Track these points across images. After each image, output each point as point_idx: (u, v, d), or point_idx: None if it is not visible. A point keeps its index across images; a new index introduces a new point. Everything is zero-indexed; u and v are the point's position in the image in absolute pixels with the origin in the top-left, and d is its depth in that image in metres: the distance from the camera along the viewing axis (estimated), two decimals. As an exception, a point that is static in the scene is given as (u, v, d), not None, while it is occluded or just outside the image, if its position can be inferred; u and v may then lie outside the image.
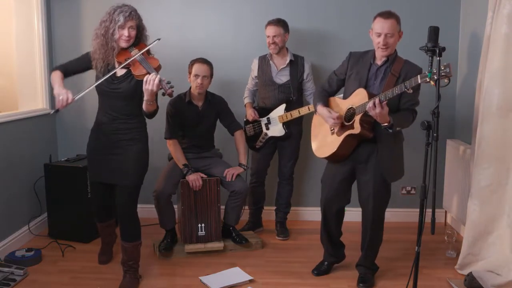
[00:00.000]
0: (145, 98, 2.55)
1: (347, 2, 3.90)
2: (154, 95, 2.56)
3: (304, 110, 3.52)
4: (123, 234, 2.85)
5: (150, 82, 2.46)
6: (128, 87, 2.70)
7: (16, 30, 3.89)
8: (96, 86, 2.70)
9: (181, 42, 3.99)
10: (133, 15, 2.62)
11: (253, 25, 3.90)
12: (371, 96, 2.65)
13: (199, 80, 3.32)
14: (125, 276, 2.89)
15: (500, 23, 2.80)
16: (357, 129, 2.70)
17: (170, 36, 3.99)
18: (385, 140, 2.71)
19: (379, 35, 2.67)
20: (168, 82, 2.51)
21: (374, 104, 2.53)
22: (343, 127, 2.81)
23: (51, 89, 3.99)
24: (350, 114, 2.78)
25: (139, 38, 2.73)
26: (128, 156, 2.75)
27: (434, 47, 2.32)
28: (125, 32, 2.61)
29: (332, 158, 2.89)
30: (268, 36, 3.49)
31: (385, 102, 2.56)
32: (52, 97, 4.01)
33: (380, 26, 2.66)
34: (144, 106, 2.61)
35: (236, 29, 3.99)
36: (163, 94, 2.54)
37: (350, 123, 2.76)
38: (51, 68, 3.97)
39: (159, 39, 2.71)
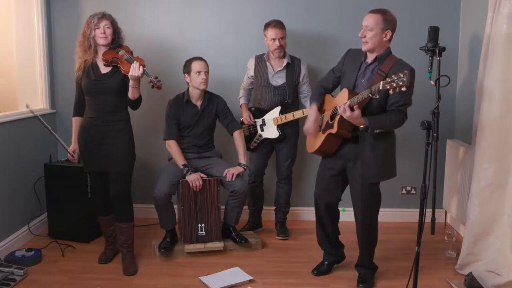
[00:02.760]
0: (130, 84, 2.91)
1: (347, 2, 3.90)
2: (138, 80, 2.91)
3: (298, 114, 3.52)
4: (119, 216, 3.13)
5: (135, 68, 2.84)
6: (116, 82, 3.00)
7: (16, 30, 3.89)
8: (84, 86, 3.04)
9: (181, 42, 3.99)
10: (105, 15, 3.01)
11: (253, 25, 3.89)
12: (351, 95, 2.65)
13: (203, 76, 3.34)
14: (125, 258, 3.14)
15: (500, 23, 2.79)
16: (334, 129, 2.72)
17: (170, 36, 3.99)
18: (368, 139, 2.70)
19: (362, 27, 2.68)
20: (156, 77, 2.91)
21: (344, 108, 2.54)
22: (327, 125, 2.83)
23: (51, 89, 4.04)
24: (334, 114, 2.79)
25: (117, 39, 3.06)
26: (117, 145, 3.05)
27: (434, 47, 2.32)
28: (101, 30, 2.97)
29: (318, 154, 2.94)
30: (274, 39, 3.45)
31: (356, 105, 2.55)
32: (52, 97, 4.04)
33: (364, 18, 2.67)
34: (130, 93, 2.94)
35: (236, 29, 3.98)
36: (152, 87, 2.93)
37: (332, 122, 2.78)
38: (51, 68, 4.01)
39: None
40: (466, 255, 3.02)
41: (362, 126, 2.60)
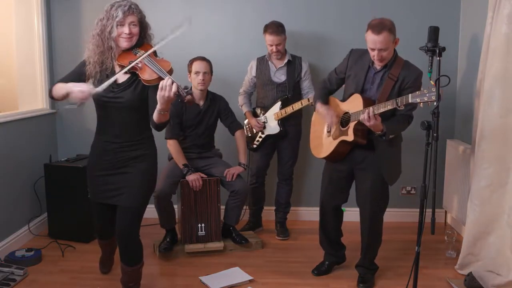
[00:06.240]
0: (158, 107, 2.16)
1: (347, 2, 3.90)
2: (170, 104, 2.18)
3: (297, 105, 3.51)
4: (123, 258, 2.55)
5: (166, 88, 2.07)
6: (133, 96, 2.36)
7: (16, 30, 3.89)
8: (93, 97, 2.30)
9: (181, 42, 3.96)
10: (133, 9, 2.31)
11: (254, 25, 3.89)
12: (366, 102, 2.64)
13: (200, 77, 3.33)
14: None
15: (500, 23, 2.79)
16: (350, 136, 2.70)
17: (169, 36, 3.98)
18: (383, 145, 2.70)
19: (372, 49, 2.61)
20: (185, 88, 2.12)
21: (368, 116, 2.52)
22: (338, 132, 2.82)
23: (50, 90, 4.01)
24: (345, 120, 2.78)
25: (142, 38, 2.40)
26: (134, 175, 2.45)
27: (434, 47, 2.31)
28: (125, 29, 2.29)
29: (327, 159, 2.93)
30: (271, 45, 3.48)
31: (377, 114, 2.54)
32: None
33: (372, 41, 2.58)
34: (155, 117, 2.22)
35: (236, 29, 3.98)
36: (181, 101, 2.26)
37: (345, 128, 2.76)
38: (51, 68, 4.01)
39: (189, 23, 2.32)
40: (466, 255, 3.03)
41: (379, 133, 2.60)
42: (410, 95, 2.40)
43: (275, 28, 3.45)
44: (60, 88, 2.33)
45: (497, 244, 2.87)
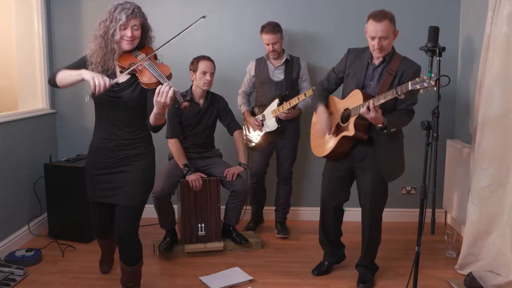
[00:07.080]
0: (155, 111, 2.22)
1: (347, 3, 3.90)
2: (166, 109, 2.24)
3: (294, 101, 3.51)
4: (122, 257, 2.57)
5: (163, 94, 2.13)
6: (132, 96, 2.40)
7: (16, 30, 3.89)
8: (92, 95, 2.32)
9: (181, 42, 3.96)
10: (136, 12, 2.34)
11: (253, 25, 3.88)
12: (366, 97, 2.64)
13: (207, 77, 3.34)
14: None
15: (500, 23, 2.79)
16: (351, 131, 2.70)
17: (170, 37, 3.98)
18: (382, 140, 2.71)
19: (373, 38, 2.63)
20: (183, 95, 2.14)
21: (368, 108, 2.53)
22: (339, 128, 2.82)
23: (51, 89, 4.02)
24: (346, 116, 2.78)
25: (143, 40, 2.45)
26: (132, 174, 2.47)
27: (434, 47, 2.31)
28: (128, 32, 2.32)
29: (328, 158, 2.92)
30: (268, 44, 3.51)
31: (377, 106, 2.55)
32: (52, 97, 4.03)
33: (373, 29, 2.60)
34: (151, 119, 2.28)
35: (236, 29, 3.99)
36: (177, 107, 2.24)
37: (346, 124, 2.76)
38: (51, 68, 4.00)
39: (204, 17, 2.35)
40: (466, 255, 3.03)
41: (380, 125, 2.60)
42: (409, 82, 2.39)
43: (271, 27, 3.48)
44: (70, 75, 2.32)
45: (497, 244, 2.87)
